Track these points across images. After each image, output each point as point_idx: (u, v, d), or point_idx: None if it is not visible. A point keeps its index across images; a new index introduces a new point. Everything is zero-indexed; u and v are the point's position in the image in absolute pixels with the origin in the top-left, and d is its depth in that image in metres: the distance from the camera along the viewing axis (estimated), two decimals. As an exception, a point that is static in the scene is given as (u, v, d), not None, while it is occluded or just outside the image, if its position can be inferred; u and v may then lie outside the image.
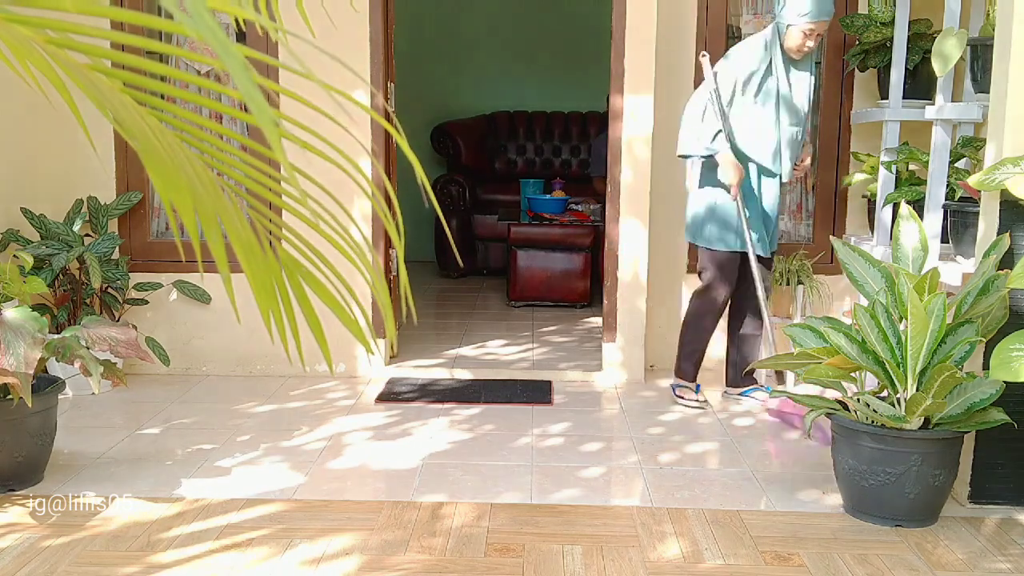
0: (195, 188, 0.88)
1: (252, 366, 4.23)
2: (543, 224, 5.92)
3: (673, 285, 4.37)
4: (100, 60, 0.96)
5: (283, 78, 3.97)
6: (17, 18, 0.91)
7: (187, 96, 0.95)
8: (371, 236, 4.11)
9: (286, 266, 1.02)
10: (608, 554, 2.43)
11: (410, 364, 4.34)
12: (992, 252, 2.67)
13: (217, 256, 0.84)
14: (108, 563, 2.34)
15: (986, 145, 2.83)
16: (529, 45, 7.74)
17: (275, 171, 1.08)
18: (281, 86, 0.95)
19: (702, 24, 4.24)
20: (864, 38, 3.88)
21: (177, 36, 4.11)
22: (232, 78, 0.68)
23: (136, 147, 0.88)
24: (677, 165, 4.33)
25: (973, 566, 2.41)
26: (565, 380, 4.21)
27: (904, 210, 2.84)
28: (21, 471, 2.81)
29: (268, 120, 0.69)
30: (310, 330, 1.03)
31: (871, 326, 2.61)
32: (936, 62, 3.22)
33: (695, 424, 3.60)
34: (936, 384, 2.47)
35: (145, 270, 4.17)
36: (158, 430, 3.43)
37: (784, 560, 2.41)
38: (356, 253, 1.06)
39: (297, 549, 2.44)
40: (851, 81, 4.28)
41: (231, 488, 2.85)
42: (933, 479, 2.60)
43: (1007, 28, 2.69)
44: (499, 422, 3.56)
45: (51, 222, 3.93)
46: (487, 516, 2.67)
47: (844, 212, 4.38)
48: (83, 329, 2.86)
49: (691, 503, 2.79)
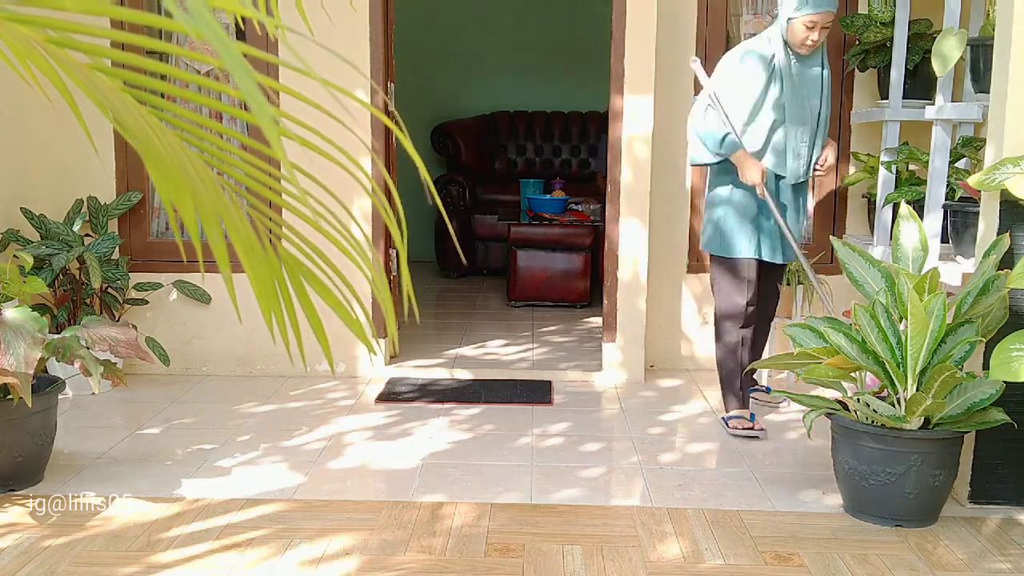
0: (196, 187, 0.88)
1: (252, 366, 4.23)
2: (543, 224, 5.92)
3: (673, 285, 4.37)
4: (100, 59, 0.96)
5: (283, 77, 3.97)
6: (17, 17, 0.91)
7: (187, 95, 0.95)
8: (371, 235, 4.11)
9: (287, 265, 1.01)
10: (608, 554, 2.43)
11: (410, 364, 4.34)
12: (992, 252, 2.67)
13: (218, 256, 0.84)
14: (108, 563, 2.34)
15: (986, 145, 2.83)
16: (529, 45, 7.74)
17: (275, 170, 1.08)
18: (281, 84, 0.95)
19: (702, 24, 4.24)
20: (864, 38, 3.88)
21: (177, 35, 4.11)
22: (232, 76, 0.68)
23: (136, 146, 0.88)
24: (677, 165, 4.33)
25: (973, 566, 2.41)
26: (565, 380, 4.21)
27: (904, 210, 2.84)
28: (21, 471, 2.81)
29: (268, 118, 0.69)
30: (311, 330, 1.03)
31: (871, 326, 2.61)
32: (936, 62, 3.22)
33: (695, 424, 3.60)
34: (936, 384, 2.47)
35: (145, 270, 4.16)
36: (158, 430, 3.43)
37: (784, 560, 2.41)
38: (357, 252, 1.06)
39: (297, 549, 2.44)
40: (851, 81, 4.28)
41: (231, 488, 2.85)
42: (933, 479, 2.60)
43: (1007, 28, 2.69)
44: (499, 422, 3.56)
45: (51, 222, 3.93)
46: (487, 516, 2.67)
47: (844, 212, 4.38)
48: (83, 329, 2.86)
49: (691, 503, 2.79)
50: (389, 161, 4.50)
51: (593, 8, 7.52)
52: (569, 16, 7.67)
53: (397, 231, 0.99)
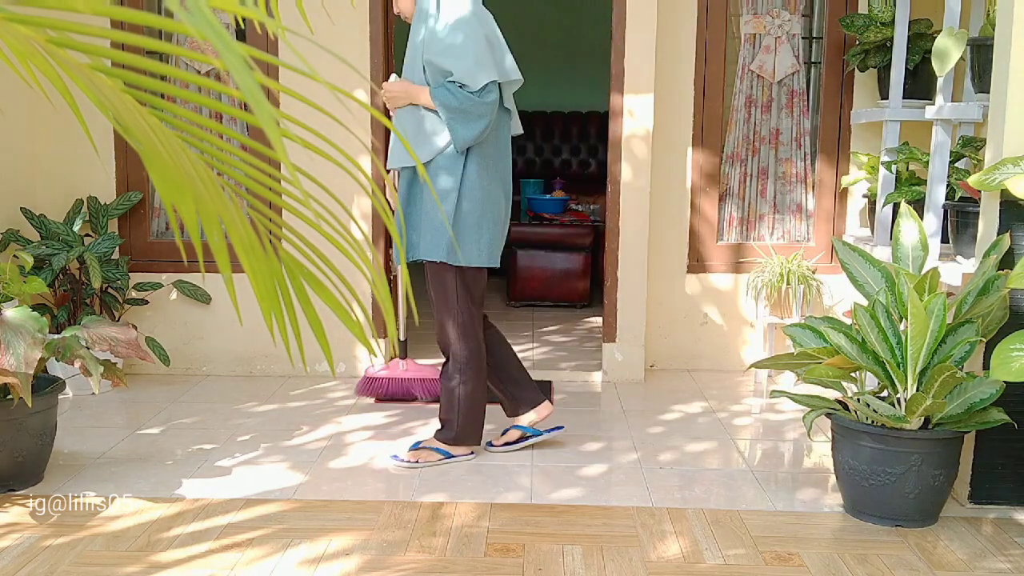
0: (196, 188, 0.88)
1: (252, 366, 4.23)
2: (543, 224, 5.92)
3: (673, 285, 4.37)
4: (100, 59, 0.96)
5: (283, 77, 3.97)
6: (17, 17, 0.91)
7: (188, 96, 0.95)
8: (371, 235, 4.11)
9: (287, 266, 1.02)
10: (608, 554, 2.43)
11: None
12: (992, 252, 2.67)
13: (218, 256, 0.84)
14: (108, 563, 2.34)
15: (986, 145, 2.83)
16: (529, 45, 7.73)
17: (275, 170, 1.08)
18: (282, 84, 0.94)
19: (702, 24, 4.24)
20: (864, 38, 3.88)
21: (177, 35, 4.11)
22: (233, 76, 0.68)
23: (137, 147, 0.88)
24: (677, 165, 4.33)
25: (973, 566, 2.41)
26: (565, 380, 4.21)
27: (904, 209, 2.84)
28: (21, 471, 2.81)
29: (270, 119, 0.69)
30: (311, 330, 1.03)
31: (871, 326, 2.61)
32: (936, 62, 3.22)
33: (695, 424, 3.60)
34: (936, 384, 2.47)
35: (145, 270, 4.16)
36: (158, 430, 3.43)
37: (784, 560, 2.41)
38: (356, 252, 1.06)
39: (297, 549, 2.44)
40: (851, 81, 4.28)
41: (231, 488, 2.85)
42: (933, 479, 2.60)
43: (1007, 28, 2.69)
44: (499, 422, 3.56)
45: (51, 222, 3.93)
46: (487, 516, 2.67)
47: (844, 212, 4.38)
48: (83, 329, 2.86)
49: (691, 503, 2.79)
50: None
51: (593, 8, 7.52)
52: (569, 16, 7.67)
53: (396, 231, 0.99)
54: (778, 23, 4.29)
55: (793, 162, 4.40)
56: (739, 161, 4.41)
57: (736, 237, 4.42)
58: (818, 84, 4.38)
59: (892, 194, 3.66)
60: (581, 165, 7.67)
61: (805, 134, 4.39)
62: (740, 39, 4.32)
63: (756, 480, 2.99)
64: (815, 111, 4.39)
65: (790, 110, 4.38)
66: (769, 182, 4.42)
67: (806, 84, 4.39)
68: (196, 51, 3.54)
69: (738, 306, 4.36)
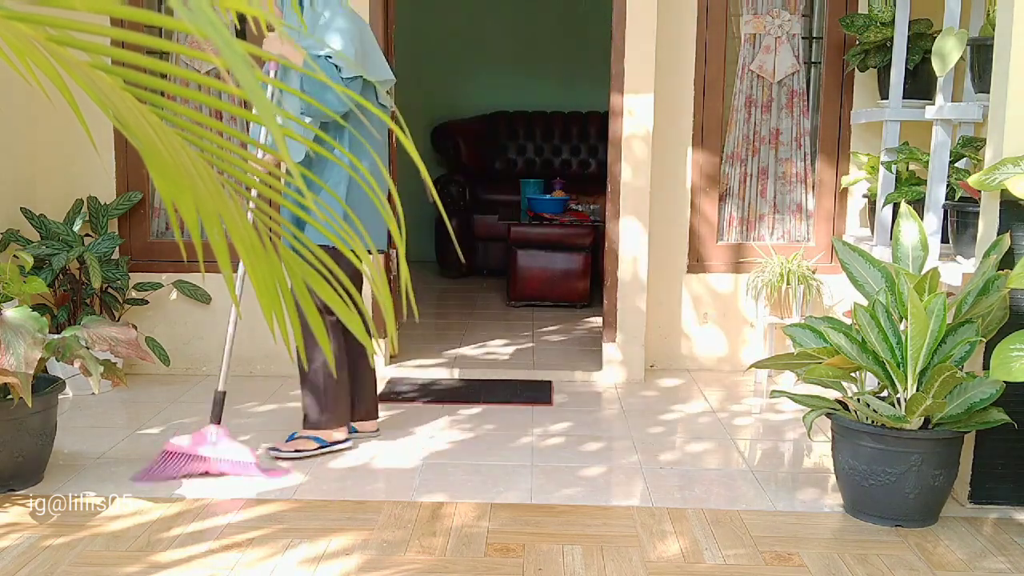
0: (196, 187, 0.88)
1: (252, 366, 4.22)
2: (543, 224, 5.92)
3: (673, 285, 4.37)
4: (101, 58, 0.96)
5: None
6: (17, 15, 0.91)
7: (188, 94, 0.95)
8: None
9: (287, 265, 1.01)
10: (608, 554, 2.43)
11: (411, 364, 4.33)
12: (992, 252, 2.67)
13: (219, 255, 0.84)
14: (108, 563, 2.34)
15: (986, 145, 2.83)
16: (529, 45, 7.74)
17: (276, 169, 1.08)
18: (282, 83, 0.94)
19: (702, 24, 4.24)
20: (864, 38, 3.88)
21: (178, 33, 4.11)
22: (234, 75, 0.68)
23: (137, 146, 0.88)
24: (677, 164, 4.33)
25: (973, 566, 2.41)
26: (565, 380, 4.21)
27: (904, 209, 2.84)
28: (21, 471, 2.81)
29: (271, 118, 0.69)
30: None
31: (871, 326, 2.61)
32: (936, 62, 3.22)
33: (695, 424, 3.60)
34: (936, 384, 2.47)
35: (145, 270, 4.16)
36: (158, 430, 3.43)
37: (784, 560, 2.41)
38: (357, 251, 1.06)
39: (297, 549, 2.43)
40: (851, 81, 4.28)
41: (231, 488, 2.85)
42: (933, 479, 2.60)
43: (1007, 28, 2.68)
44: (499, 422, 3.56)
45: (51, 222, 3.92)
46: (487, 516, 2.67)
47: (844, 212, 4.38)
48: (83, 329, 2.86)
49: (691, 503, 2.79)
50: (389, 161, 4.50)
51: (593, 8, 7.51)
52: (569, 16, 7.67)
53: (397, 231, 0.99)
54: (778, 23, 4.28)
55: (793, 162, 4.40)
56: (739, 161, 4.41)
57: (736, 237, 4.42)
58: (818, 84, 4.38)
59: (892, 194, 3.66)
60: (581, 165, 7.67)
61: (805, 134, 4.39)
62: (740, 39, 4.32)
63: (756, 480, 2.99)
64: (815, 111, 4.39)
65: (790, 110, 4.38)
66: (769, 182, 4.42)
67: (806, 84, 4.39)
68: (197, 49, 3.55)
69: (738, 306, 4.35)
